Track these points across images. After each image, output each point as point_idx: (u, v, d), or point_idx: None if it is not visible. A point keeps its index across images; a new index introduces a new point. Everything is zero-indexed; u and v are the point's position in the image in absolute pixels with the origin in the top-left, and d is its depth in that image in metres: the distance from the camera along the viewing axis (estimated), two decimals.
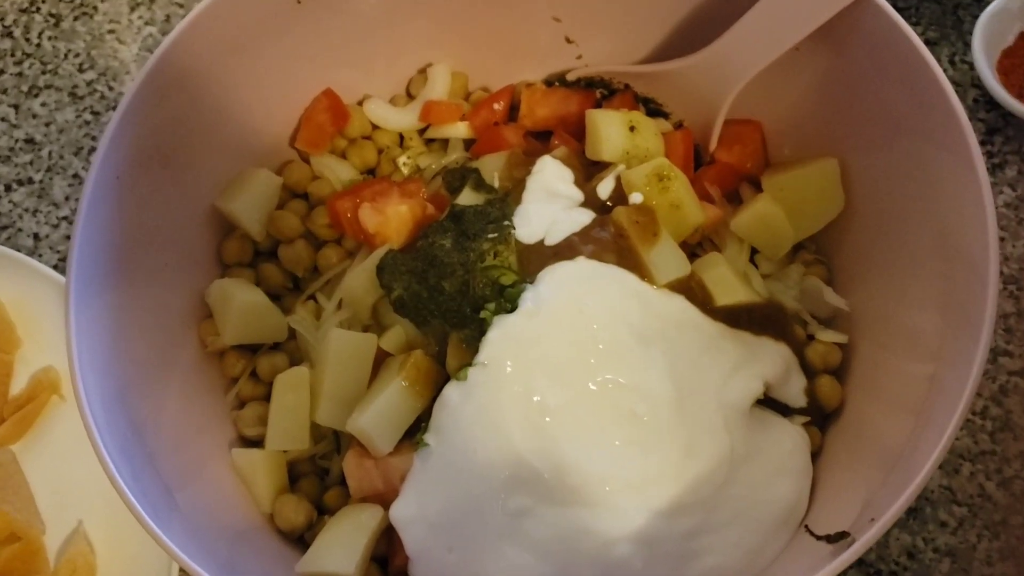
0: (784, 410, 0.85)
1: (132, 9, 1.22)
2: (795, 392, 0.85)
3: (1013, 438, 0.97)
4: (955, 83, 0.78)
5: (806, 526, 0.80)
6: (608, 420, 0.78)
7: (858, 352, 0.88)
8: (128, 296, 0.82)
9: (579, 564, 0.76)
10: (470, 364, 0.79)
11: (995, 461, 0.96)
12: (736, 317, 0.84)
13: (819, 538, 0.76)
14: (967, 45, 1.12)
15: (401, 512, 0.78)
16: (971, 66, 1.10)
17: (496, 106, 0.98)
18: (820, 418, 0.87)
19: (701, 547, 0.77)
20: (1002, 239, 1.04)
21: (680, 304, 0.82)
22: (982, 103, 1.10)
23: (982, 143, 0.91)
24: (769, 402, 0.85)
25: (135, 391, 0.80)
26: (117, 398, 0.78)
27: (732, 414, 0.80)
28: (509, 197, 0.87)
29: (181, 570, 0.91)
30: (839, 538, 0.73)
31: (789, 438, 0.83)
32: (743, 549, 0.78)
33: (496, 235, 0.84)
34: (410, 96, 1.02)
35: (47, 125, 1.17)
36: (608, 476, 0.76)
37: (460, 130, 0.98)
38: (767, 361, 0.83)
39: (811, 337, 0.90)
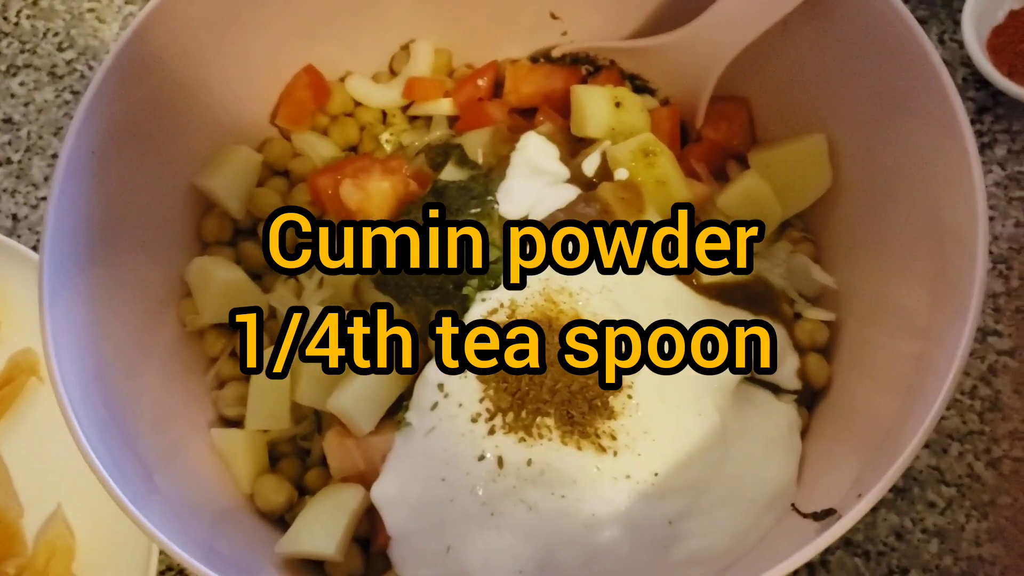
0: (772, 389, 0.84)
1: None
2: (788, 373, 0.84)
3: (1002, 418, 0.96)
4: (945, 61, 0.77)
5: (792, 504, 0.79)
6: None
7: (845, 330, 0.87)
8: (105, 275, 0.81)
9: (563, 547, 0.74)
10: None
11: (984, 441, 0.96)
12: (729, 295, 0.82)
13: (805, 516, 0.75)
14: (957, 23, 1.10)
15: (382, 492, 0.77)
16: (961, 44, 1.09)
17: (480, 82, 0.96)
18: (807, 396, 0.86)
19: (687, 530, 0.76)
20: (991, 218, 1.03)
21: (669, 283, 0.81)
22: (971, 81, 1.09)
23: (971, 122, 0.90)
24: (757, 380, 0.84)
25: (113, 372, 0.79)
26: (94, 379, 0.76)
27: (720, 393, 0.79)
28: (493, 173, 0.86)
29: (161, 552, 0.90)
30: (826, 515, 0.72)
31: (782, 416, 0.82)
32: (730, 531, 0.77)
33: (479, 210, 0.82)
34: (393, 72, 1.00)
35: (26, 105, 1.16)
36: (594, 459, 0.75)
37: (443, 107, 0.97)
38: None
39: (798, 315, 0.89)
